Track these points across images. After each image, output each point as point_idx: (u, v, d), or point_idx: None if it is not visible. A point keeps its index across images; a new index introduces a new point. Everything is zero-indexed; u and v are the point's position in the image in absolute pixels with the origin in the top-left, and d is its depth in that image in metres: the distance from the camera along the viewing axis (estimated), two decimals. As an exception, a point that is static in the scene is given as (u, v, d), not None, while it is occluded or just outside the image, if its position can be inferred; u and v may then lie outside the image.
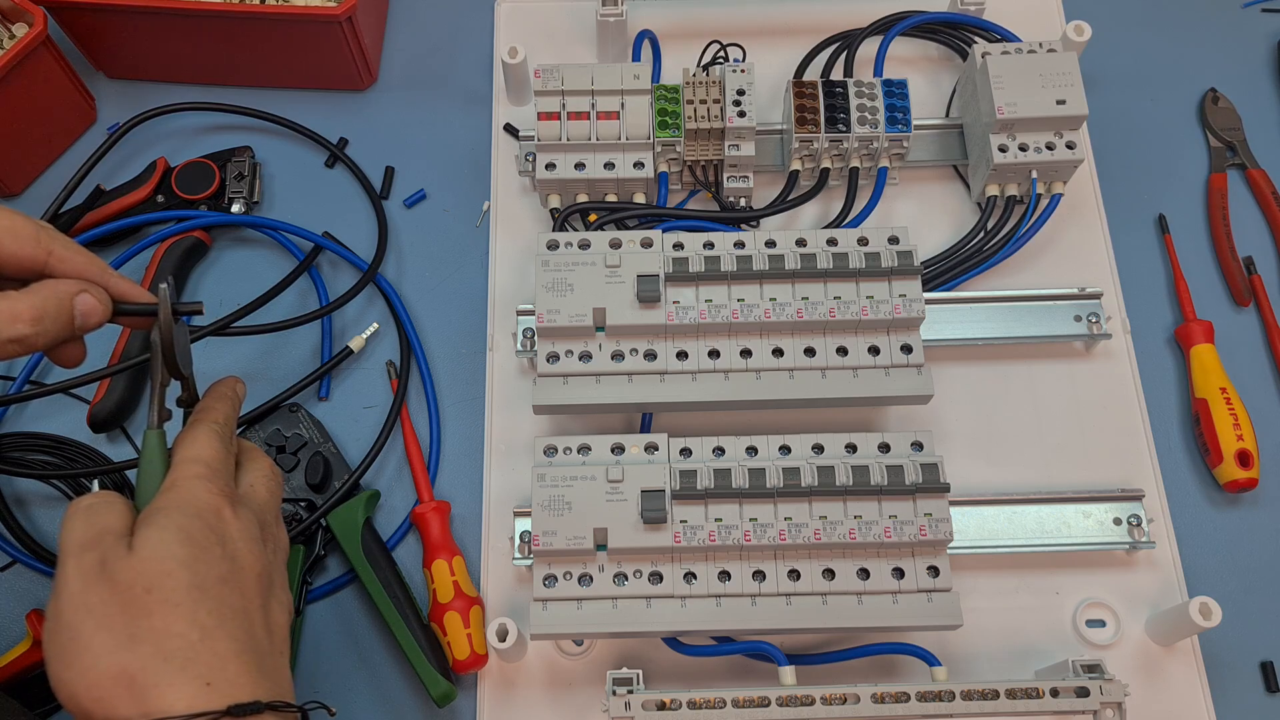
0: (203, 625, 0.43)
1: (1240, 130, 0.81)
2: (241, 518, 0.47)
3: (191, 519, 0.45)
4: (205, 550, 0.44)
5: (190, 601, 0.43)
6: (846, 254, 0.65)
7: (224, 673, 0.42)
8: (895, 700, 0.56)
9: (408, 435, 0.71)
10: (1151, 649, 0.65)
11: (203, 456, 0.48)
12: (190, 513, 0.45)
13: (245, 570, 0.46)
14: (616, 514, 0.60)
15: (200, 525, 0.45)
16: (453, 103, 0.83)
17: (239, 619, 0.44)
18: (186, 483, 0.46)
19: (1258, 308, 0.76)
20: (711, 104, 0.72)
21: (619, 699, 0.56)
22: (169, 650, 0.42)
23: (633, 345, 0.64)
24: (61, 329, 0.48)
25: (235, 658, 0.43)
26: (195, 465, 0.47)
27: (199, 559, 0.44)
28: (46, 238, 0.49)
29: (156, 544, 0.44)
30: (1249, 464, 0.68)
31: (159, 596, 0.42)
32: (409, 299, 0.76)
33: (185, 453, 0.48)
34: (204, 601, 0.43)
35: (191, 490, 0.46)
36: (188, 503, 0.46)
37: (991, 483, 0.69)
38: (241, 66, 0.81)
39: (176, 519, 0.45)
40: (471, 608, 0.65)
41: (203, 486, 0.46)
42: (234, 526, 0.46)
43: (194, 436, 0.49)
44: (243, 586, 0.45)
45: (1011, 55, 0.72)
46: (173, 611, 0.42)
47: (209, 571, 0.44)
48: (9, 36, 0.74)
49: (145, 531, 0.44)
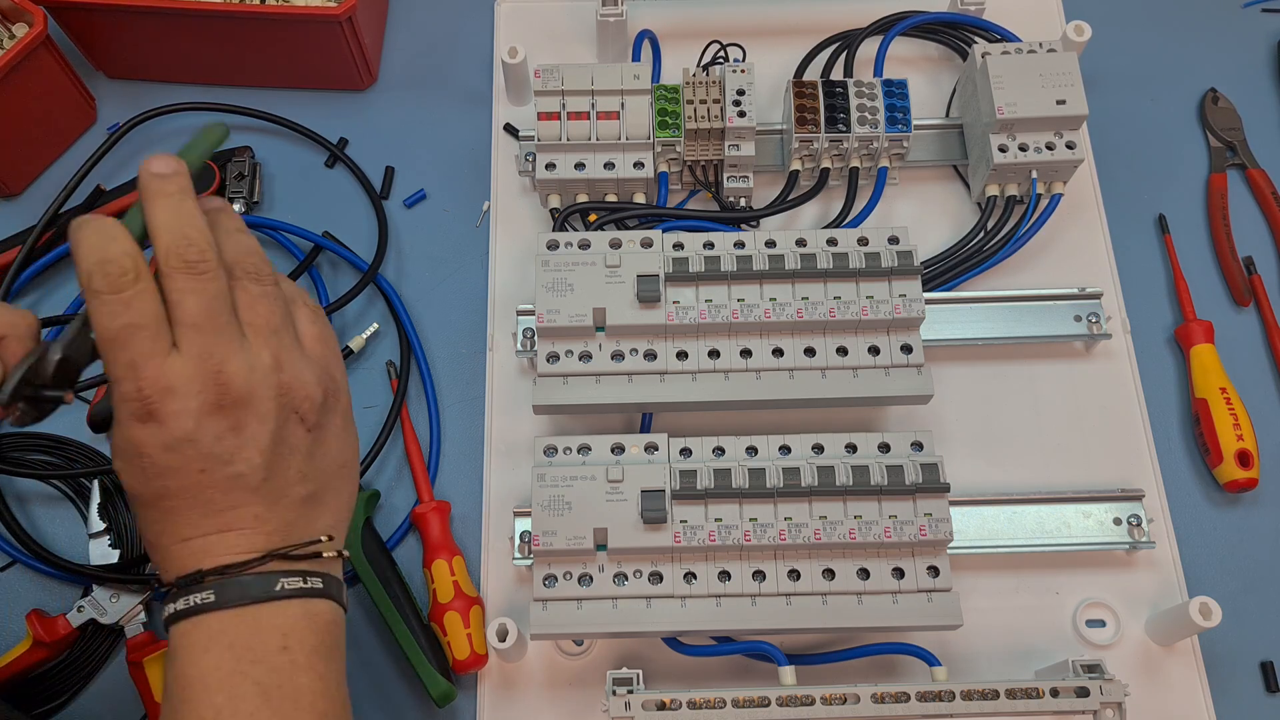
0: (339, 488, 0.48)
1: (1240, 130, 0.81)
2: (273, 302, 0.48)
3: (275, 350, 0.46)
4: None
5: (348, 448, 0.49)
6: (846, 254, 0.65)
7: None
8: (895, 700, 0.56)
9: (408, 435, 0.71)
10: (1151, 649, 0.65)
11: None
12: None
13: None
14: (616, 514, 0.60)
15: (276, 357, 0.46)
16: (453, 103, 0.83)
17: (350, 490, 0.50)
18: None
19: (1258, 308, 0.76)
20: (711, 104, 0.72)
21: (619, 699, 0.56)
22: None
23: (633, 345, 0.64)
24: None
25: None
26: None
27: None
28: None
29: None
30: (1249, 464, 0.68)
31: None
32: (409, 299, 0.76)
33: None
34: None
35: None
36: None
37: (991, 483, 0.69)
38: (241, 66, 0.81)
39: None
40: (471, 608, 0.65)
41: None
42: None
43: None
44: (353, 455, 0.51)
45: (1011, 55, 0.72)
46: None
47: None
48: (9, 36, 0.74)
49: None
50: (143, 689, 0.64)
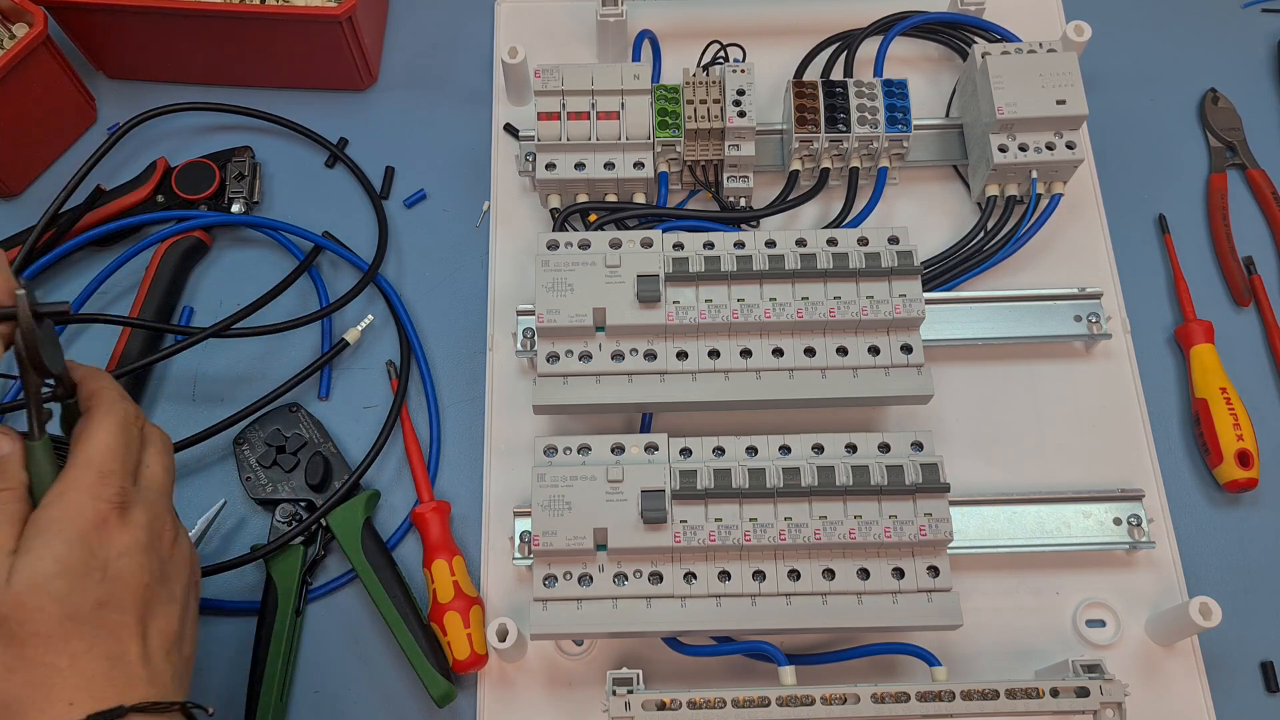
0: (72, 652, 0.44)
1: (1240, 130, 0.81)
2: (130, 526, 0.47)
3: (71, 545, 0.45)
4: (82, 579, 0.45)
5: (61, 633, 0.44)
6: (846, 254, 0.65)
7: (89, 691, 0.44)
8: (895, 700, 0.56)
9: (408, 435, 0.71)
10: (1151, 649, 0.65)
11: (95, 458, 0.47)
12: (70, 536, 0.45)
13: (126, 587, 0.46)
14: (616, 514, 0.60)
15: (80, 552, 0.45)
16: (453, 103, 0.83)
17: (113, 637, 0.46)
18: (73, 496, 0.46)
19: (1258, 308, 0.76)
20: (711, 104, 0.72)
21: (619, 699, 0.56)
22: (38, 679, 0.44)
23: (633, 345, 0.64)
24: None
25: (104, 675, 0.45)
26: (86, 472, 0.47)
27: (74, 589, 0.45)
28: None
29: (31, 576, 0.44)
30: (1249, 464, 0.68)
31: (31, 629, 0.44)
32: (409, 299, 0.76)
33: (78, 455, 0.47)
34: (76, 629, 0.44)
35: (77, 506, 0.46)
36: (70, 523, 0.45)
37: (991, 483, 0.69)
38: (241, 66, 0.81)
39: (55, 547, 0.45)
40: (471, 608, 0.65)
41: (90, 498, 0.46)
42: (119, 541, 0.46)
43: (90, 431, 0.48)
44: (121, 604, 0.46)
45: (1011, 55, 0.72)
46: (43, 644, 0.44)
47: (84, 599, 0.45)
48: (9, 36, 0.74)
49: (23, 561, 0.44)
50: (143, 689, 0.64)
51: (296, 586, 0.66)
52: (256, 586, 0.67)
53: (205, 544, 0.69)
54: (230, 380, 0.73)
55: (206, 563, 0.67)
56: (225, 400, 0.72)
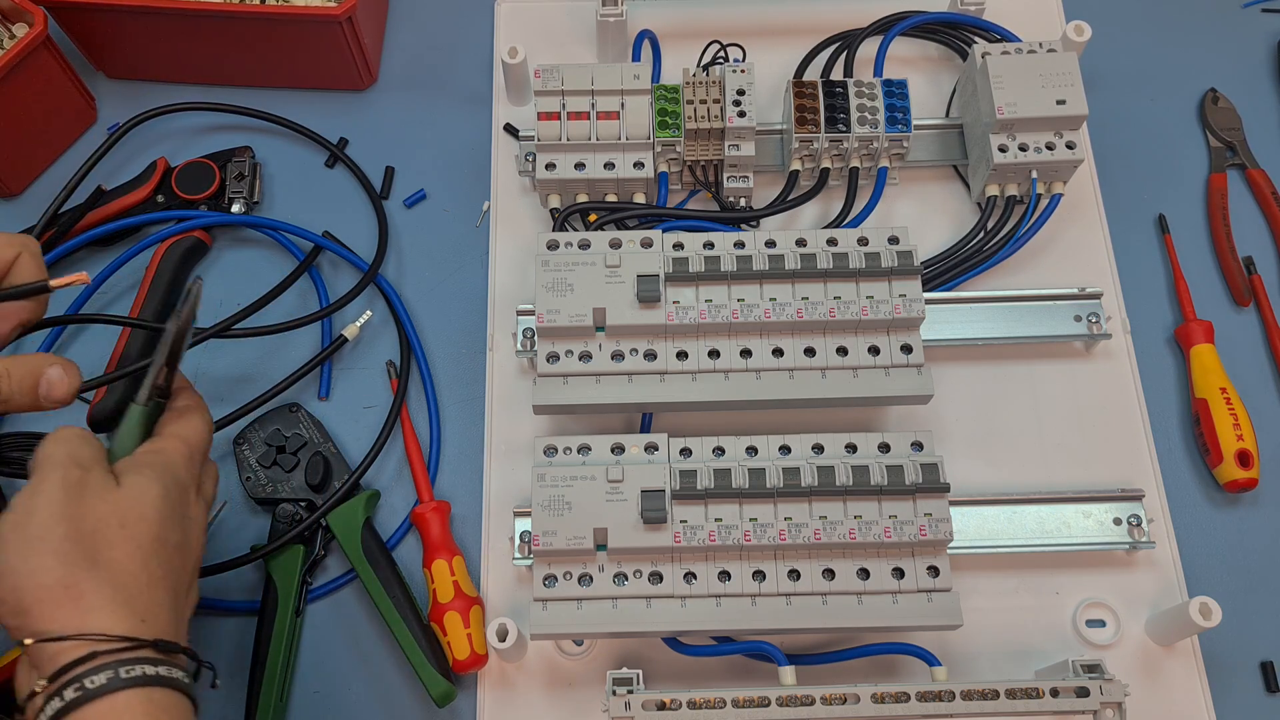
0: (151, 574, 0.48)
1: (1240, 130, 0.81)
2: (198, 507, 0.53)
3: (172, 483, 0.50)
4: (174, 514, 0.50)
5: (151, 549, 0.48)
6: (846, 254, 0.65)
7: (156, 617, 0.47)
8: (895, 700, 0.56)
9: (408, 435, 0.71)
10: (1151, 649, 0.65)
11: (190, 439, 0.53)
12: (172, 480, 0.50)
13: (191, 549, 0.51)
14: (616, 514, 0.60)
15: (177, 491, 0.50)
16: (453, 103, 0.83)
17: (174, 581, 0.49)
18: (172, 453, 0.51)
19: (1258, 308, 0.76)
20: (711, 104, 0.72)
21: (619, 699, 0.56)
22: (119, 582, 0.46)
23: (633, 345, 0.64)
24: (25, 397, 0.52)
25: (167, 609, 0.48)
26: (182, 444, 0.52)
27: (169, 518, 0.49)
28: (19, 243, 0.55)
29: (142, 489, 0.49)
30: (1249, 464, 0.68)
31: (127, 534, 0.47)
32: (409, 299, 0.76)
33: (176, 428, 0.53)
34: (159, 554, 0.48)
35: (175, 461, 0.51)
36: (171, 468, 0.51)
37: (991, 483, 0.69)
38: (241, 66, 0.81)
39: (163, 476, 0.50)
40: (471, 608, 0.65)
41: (184, 463, 0.52)
42: (194, 509, 0.52)
43: (189, 419, 0.54)
44: (184, 560, 0.50)
45: (1011, 55, 0.72)
46: (135, 552, 0.47)
47: (171, 534, 0.49)
48: (9, 36, 0.74)
49: (133, 475, 0.49)
50: (143, 689, 0.64)
51: (296, 586, 0.66)
52: (256, 586, 0.67)
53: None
54: (230, 380, 0.73)
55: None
56: (225, 400, 0.72)
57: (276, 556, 0.66)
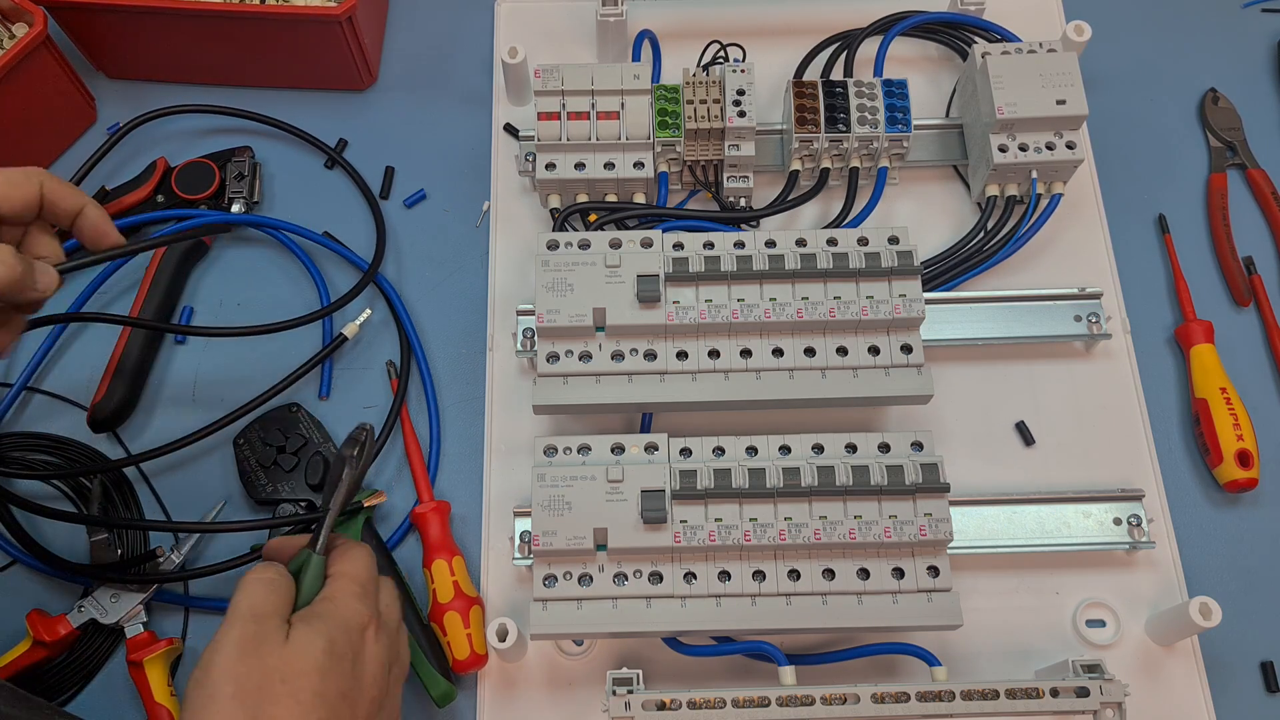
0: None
1: (1240, 130, 0.81)
2: (380, 641, 0.52)
3: (340, 632, 0.49)
4: (340, 663, 0.49)
5: (312, 703, 0.47)
6: (846, 254, 0.65)
7: None
8: (895, 700, 0.56)
9: (408, 435, 0.71)
10: (1151, 649, 0.65)
11: (360, 576, 0.52)
12: (340, 626, 0.50)
13: (364, 690, 0.50)
14: (616, 514, 0.60)
15: (344, 639, 0.49)
16: (453, 103, 0.83)
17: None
18: (344, 597, 0.51)
19: (1258, 308, 0.76)
20: (711, 104, 0.72)
21: (619, 699, 0.56)
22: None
23: (633, 345, 0.64)
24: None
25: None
26: (353, 584, 0.52)
27: (331, 670, 0.48)
28: (36, 175, 0.55)
29: (306, 644, 0.48)
30: (1249, 464, 0.68)
31: (288, 689, 0.47)
32: (409, 299, 0.76)
33: (344, 568, 0.53)
34: (320, 708, 0.47)
35: (347, 605, 0.51)
36: (341, 615, 0.50)
37: (991, 483, 0.69)
38: (241, 66, 0.81)
39: (329, 627, 0.49)
40: (471, 608, 0.65)
41: (356, 603, 0.51)
42: (371, 649, 0.51)
43: (354, 555, 0.53)
44: (356, 704, 0.50)
45: (1011, 55, 0.72)
46: (295, 707, 0.47)
47: (335, 684, 0.48)
48: (9, 36, 0.74)
49: (301, 629, 0.49)
50: (142, 689, 0.64)
51: (296, 586, 0.66)
52: (256, 586, 0.67)
53: (206, 544, 0.69)
54: (230, 381, 0.73)
55: (206, 563, 0.67)
56: (225, 400, 0.72)
57: None
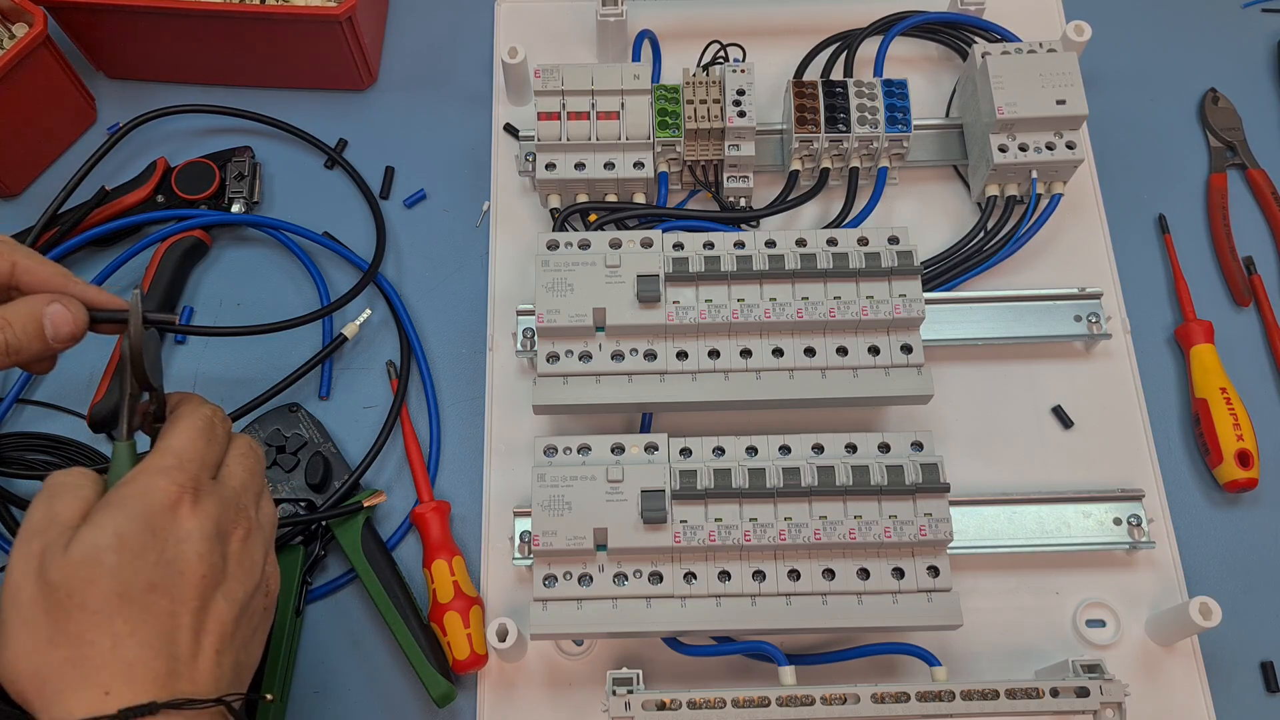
0: (116, 633, 0.43)
1: (1240, 130, 0.81)
2: (200, 514, 0.46)
3: (132, 521, 0.44)
4: (138, 556, 0.44)
5: (108, 610, 0.43)
6: (846, 254, 0.65)
7: (127, 679, 0.43)
8: (895, 700, 0.56)
9: (408, 435, 0.71)
10: (1151, 649, 0.65)
11: (174, 445, 0.47)
12: (135, 513, 0.44)
13: (184, 573, 0.45)
14: (616, 514, 0.60)
15: (140, 529, 0.44)
16: (453, 103, 0.83)
17: (160, 624, 0.44)
18: (146, 475, 0.46)
19: (1258, 308, 0.76)
20: (711, 104, 0.72)
21: (619, 699, 0.56)
22: (78, 657, 0.42)
23: (633, 345, 0.64)
24: (33, 342, 0.48)
25: (144, 664, 0.43)
26: (164, 455, 0.47)
27: (127, 566, 0.43)
28: (7, 250, 0.49)
29: (88, 548, 0.43)
30: (1249, 464, 0.68)
31: (78, 602, 0.43)
32: (409, 299, 0.76)
33: (159, 444, 0.47)
34: (123, 609, 0.43)
35: (148, 484, 0.45)
36: (137, 500, 0.45)
37: (991, 483, 0.69)
38: (241, 66, 0.81)
39: (117, 520, 0.44)
40: (471, 608, 0.65)
41: (162, 479, 0.46)
42: (187, 525, 0.45)
43: (173, 425, 0.48)
44: (175, 591, 0.45)
45: (1011, 55, 0.72)
46: (89, 619, 0.43)
47: (137, 579, 0.44)
48: (9, 36, 0.74)
49: (84, 531, 0.44)
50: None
51: (296, 586, 0.66)
52: (256, 586, 0.67)
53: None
54: (230, 381, 0.73)
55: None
56: (225, 401, 0.72)
57: (276, 556, 0.66)
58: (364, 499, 0.67)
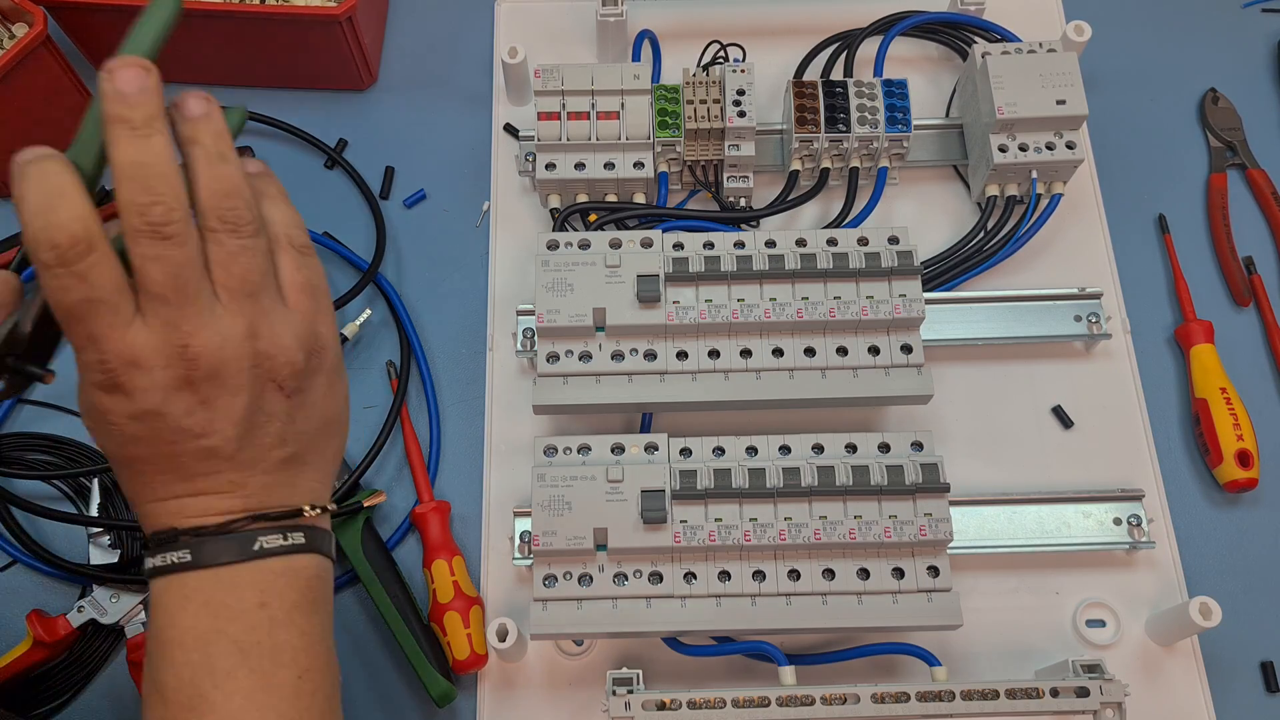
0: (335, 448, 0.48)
1: (1240, 130, 0.81)
2: (221, 317, 0.44)
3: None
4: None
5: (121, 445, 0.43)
6: (846, 254, 0.65)
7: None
8: (895, 700, 0.56)
9: (408, 435, 0.71)
10: (1151, 649, 0.65)
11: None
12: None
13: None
14: (616, 514, 0.60)
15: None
16: (453, 103, 0.83)
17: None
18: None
19: (1258, 308, 0.76)
20: (711, 104, 0.72)
21: (619, 699, 0.56)
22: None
23: (633, 345, 0.64)
24: None
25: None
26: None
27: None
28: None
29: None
30: (1249, 464, 0.68)
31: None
32: (409, 299, 0.76)
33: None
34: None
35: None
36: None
37: (991, 483, 0.69)
38: (241, 66, 0.81)
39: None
40: (471, 608, 0.65)
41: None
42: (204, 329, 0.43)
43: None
44: (210, 416, 0.43)
45: (1011, 55, 0.72)
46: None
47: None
48: (9, 36, 0.74)
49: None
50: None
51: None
52: (256, 586, 0.67)
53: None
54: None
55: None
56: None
57: None
58: (364, 499, 0.67)
